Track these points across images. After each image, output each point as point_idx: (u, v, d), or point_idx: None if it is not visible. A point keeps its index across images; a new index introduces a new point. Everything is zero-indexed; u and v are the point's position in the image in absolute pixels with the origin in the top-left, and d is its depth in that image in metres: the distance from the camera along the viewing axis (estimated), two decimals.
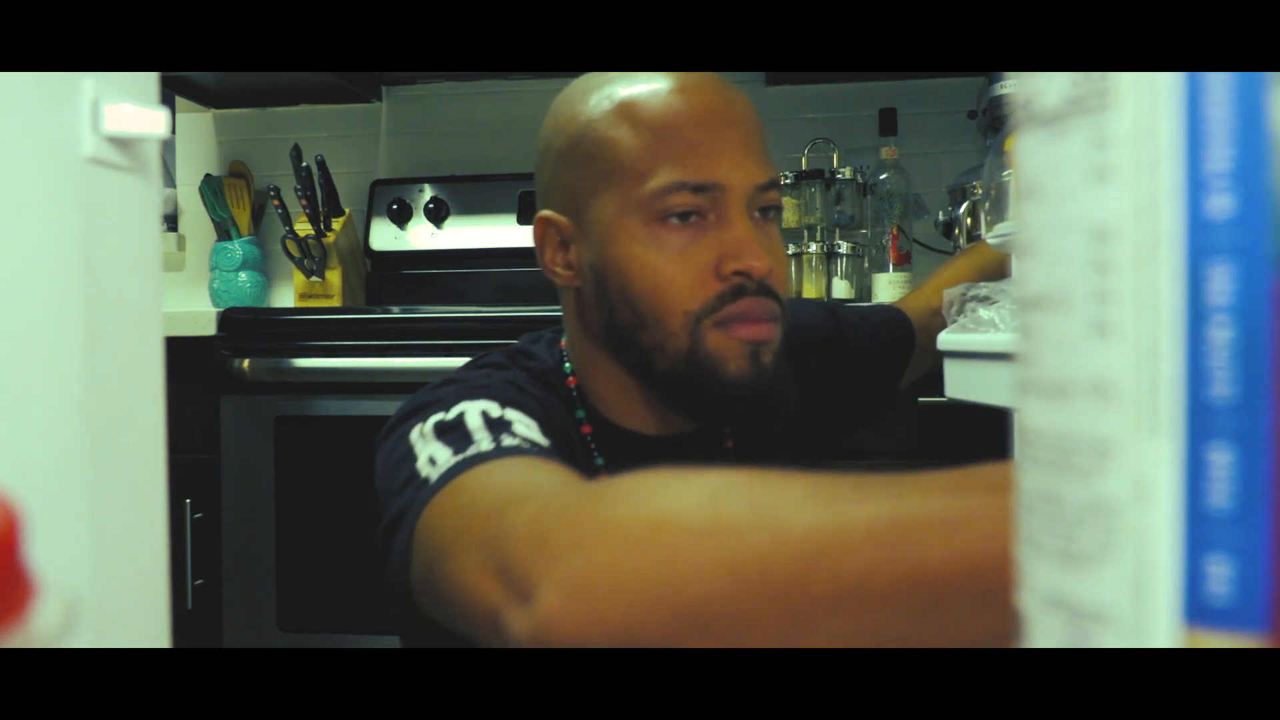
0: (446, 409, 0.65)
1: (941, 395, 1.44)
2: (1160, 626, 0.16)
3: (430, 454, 0.61)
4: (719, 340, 0.71)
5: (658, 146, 0.71)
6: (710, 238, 0.71)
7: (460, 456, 0.59)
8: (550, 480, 0.55)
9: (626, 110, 0.72)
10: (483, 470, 0.57)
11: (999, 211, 1.01)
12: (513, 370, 0.76)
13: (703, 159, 0.70)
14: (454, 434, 0.62)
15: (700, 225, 0.71)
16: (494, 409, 0.64)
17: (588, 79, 0.77)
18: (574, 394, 0.78)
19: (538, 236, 0.78)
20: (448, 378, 0.74)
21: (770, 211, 0.74)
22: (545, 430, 0.65)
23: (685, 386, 0.73)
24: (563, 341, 0.81)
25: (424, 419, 0.65)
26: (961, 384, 0.91)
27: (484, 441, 0.60)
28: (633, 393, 0.77)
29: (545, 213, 0.77)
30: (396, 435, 0.67)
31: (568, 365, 0.79)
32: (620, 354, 0.75)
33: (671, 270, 0.70)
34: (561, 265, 0.77)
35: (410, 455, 0.63)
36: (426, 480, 0.59)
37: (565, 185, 0.75)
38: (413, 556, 0.58)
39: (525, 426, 0.64)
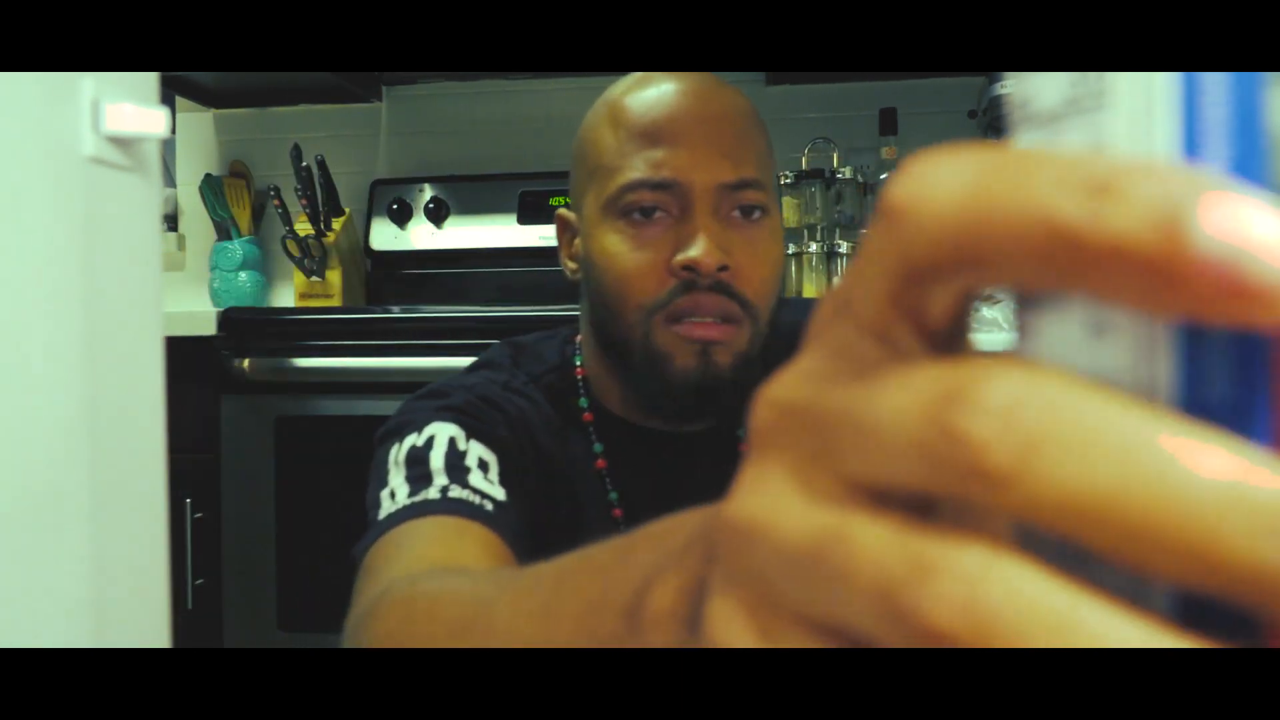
0: (419, 429, 0.71)
1: None
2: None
3: (394, 486, 0.68)
4: (668, 336, 0.73)
5: (628, 146, 0.74)
6: (670, 234, 0.73)
7: (410, 500, 0.65)
8: (436, 558, 0.60)
9: (612, 112, 0.76)
10: (412, 527, 0.63)
11: None
12: (508, 373, 0.80)
13: (665, 156, 0.73)
14: (418, 468, 0.68)
15: (663, 221, 0.73)
16: (461, 439, 0.70)
17: (614, 84, 0.81)
18: (580, 384, 0.82)
19: (558, 233, 0.84)
20: (451, 378, 0.79)
21: (754, 212, 0.74)
22: (505, 460, 0.71)
23: (642, 378, 0.75)
24: (579, 337, 0.85)
25: (400, 440, 0.71)
26: None
27: (433, 489, 0.66)
28: (619, 384, 0.80)
29: (561, 210, 0.83)
30: (379, 452, 0.73)
31: (578, 359, 0.83)
32: (604, 343, 0.78)
33: (629, 263, 0.73)
34: (570, 259, 0.82)
35: (383, 478, 0.69)
36: (378, 518, 0.66)
37: (573, 183, 0.81)
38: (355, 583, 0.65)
39: (481, 471, 0.69)
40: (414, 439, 0.71)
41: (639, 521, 0.92)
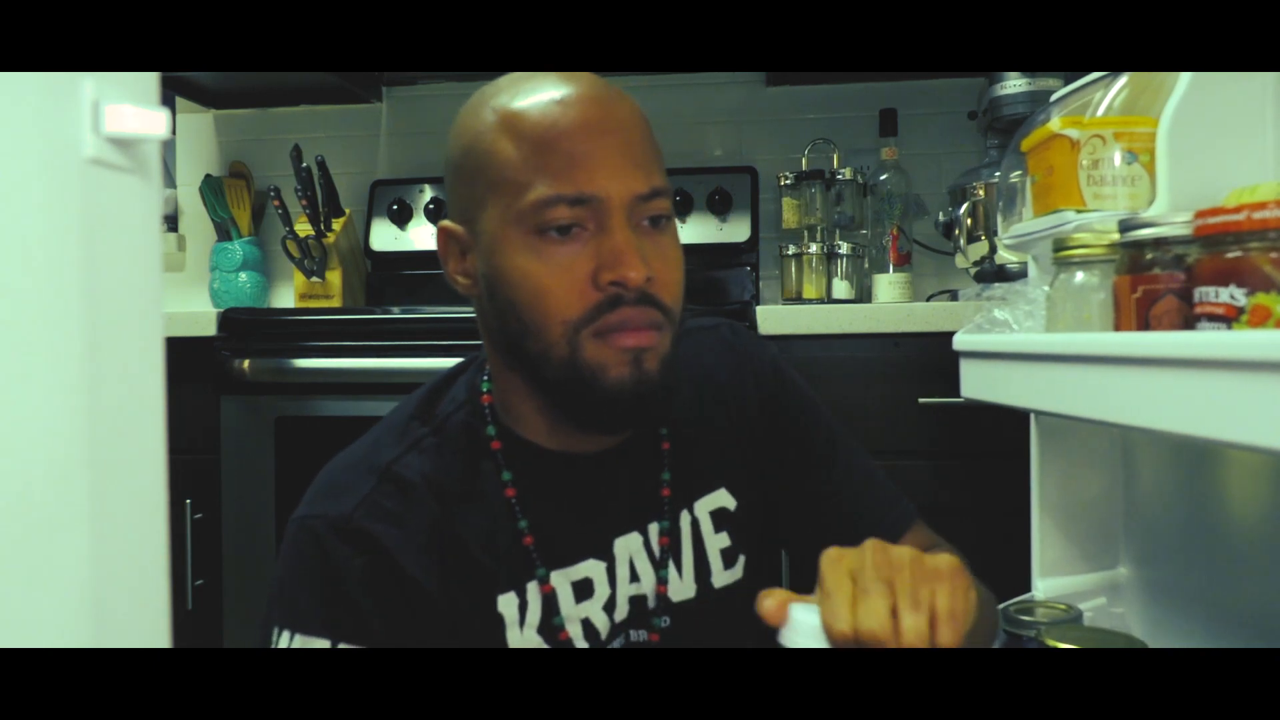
0: (292, 633, 0.74)
1: (936, 396, 1.44)
2: None
3: None
4: (597, 349, 0.72)
5: (535, 160, 0.72)
6: (588, 248, 0.72)
7: None
8: None
9: (508, 123, 0.73)
10: None
11: (1011, 213, 1.01)
12: (396, 440, 0.80)
13: (579, 172, 0.71)
14: None
15: (580, 236, 0.72)
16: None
17: (482, 91, 0.78)
18: (487, 412, 0.81)
19: (440, 246, 0.80)
20: (329, 484, 0.79)
21: (661, 220, 0.75)
22: (365, 632, 0.74)
23: (570, 395, 0.74)
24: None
25: (277, 627, 0.74)
26: (977, 384, 0.91)
27: None
28: (533, 402, 0.78)
29: (444, 223, 0.79)
30: (270, 613, 0.76)
31: (486, 385, 0.82)
32: (515, 362, 0.77)
33: (550, 281, 0.72)
34: (461, 274, 0.79)
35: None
36: None
37: (460, 196, 0.77)
38: None
39: None
40: (285, 645, 0.74)
41: (549, 547, 0.96)
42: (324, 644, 0.73)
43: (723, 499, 0.86)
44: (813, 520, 0.87)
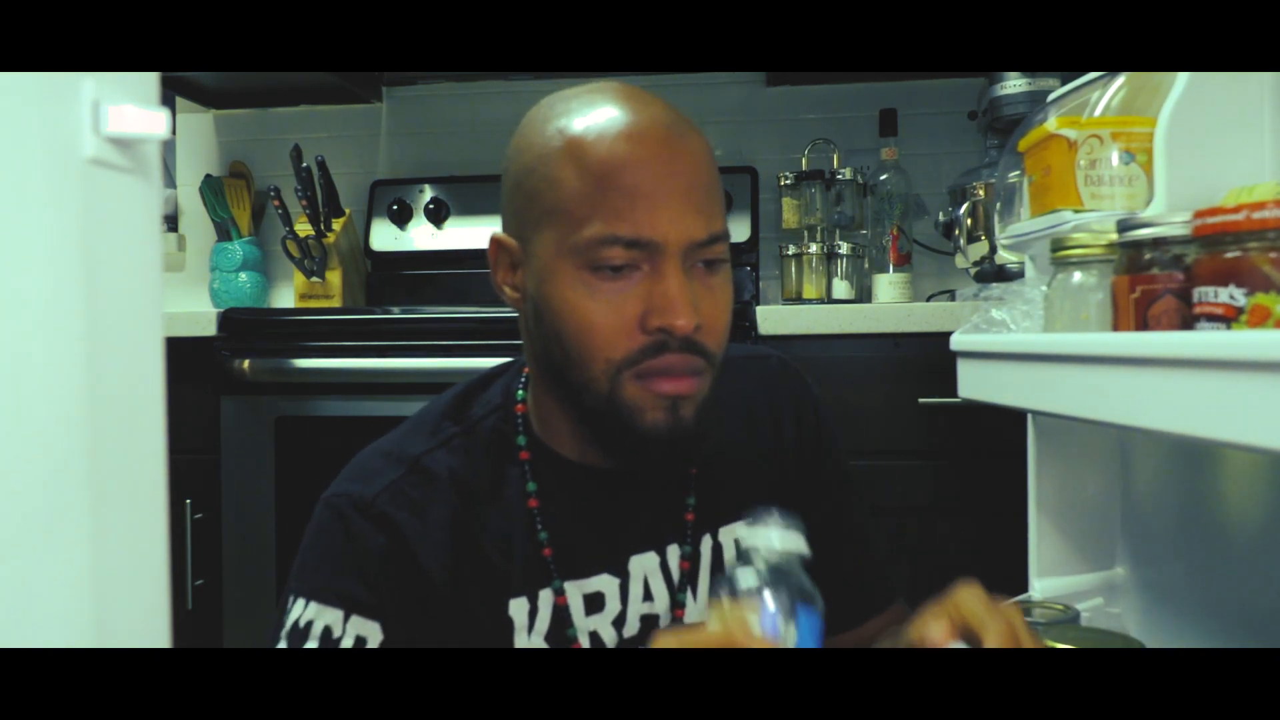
0: (306, 601, 0.75)
1: (936, 396, 1.44)
2: None
3: None
4: (637, 391, 0.72)
5: (596, 195, 0.70)
6: (640, 289, 0.71)
7: None
8: None
9: (573, 150, 0.72)
10: None
11: (1009, 212, 1.01)
12: (429, 434, 0.81)
13: (639, 213, 0.70)
14: None
15: (632, 276, 0.71)
16: (338, 625, 0.74)
17: (552, 103, 0.76)
18: (519, 422, 0.81)
19: (491, 254, 0.79)
20: (361, 467, 0.81)
21: (716, 265, 0.74)
22: (387, 609, 0.75)
23: (604, 428, 0.74)
24: (528, 369, 0.83)
25: (290, 605, 0.76)
26: (974, 384, 0.91)
27: None
28: (568, 422, 0.79)
29: (498, 234, 0.78)
30: (288, 586, 0.78)
31: (521, 393, 0.82)
32: (554, 385, 0.77)
33: (597, 318, 0.71)
34: (510, 287, 0.78)
35: (276, 636, 0.76)
36: None
37: (516, 211, 0.76)
38: None
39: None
40: (299, 613, 0.75)
41: (568, 561, 0.97)
42: (338, 614, 0.74)
43: None
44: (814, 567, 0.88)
